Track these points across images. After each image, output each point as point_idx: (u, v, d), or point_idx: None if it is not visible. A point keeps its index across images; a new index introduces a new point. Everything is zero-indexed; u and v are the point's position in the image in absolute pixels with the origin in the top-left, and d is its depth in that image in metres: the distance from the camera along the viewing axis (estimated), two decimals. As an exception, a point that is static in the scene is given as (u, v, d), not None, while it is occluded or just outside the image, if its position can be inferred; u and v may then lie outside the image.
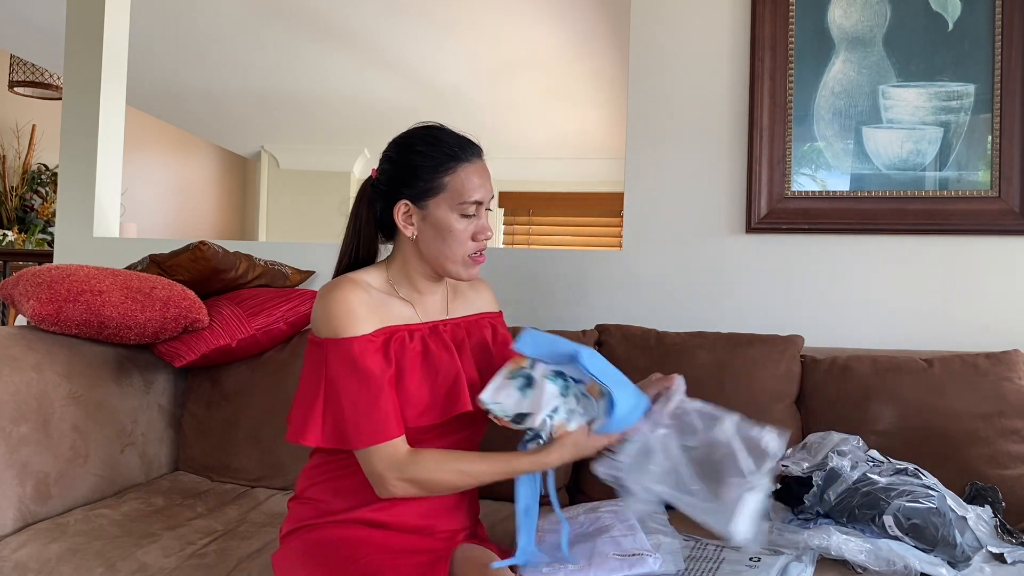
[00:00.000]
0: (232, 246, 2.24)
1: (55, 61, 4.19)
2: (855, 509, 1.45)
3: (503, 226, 6.26)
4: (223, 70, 4.39)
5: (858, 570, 1.37)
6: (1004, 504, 1.58)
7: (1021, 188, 2.02)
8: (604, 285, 2.27)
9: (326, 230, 5.83)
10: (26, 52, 4.25)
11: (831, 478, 1.50)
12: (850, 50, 2.13)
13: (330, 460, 1.33)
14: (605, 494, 1.57)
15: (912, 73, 2.10)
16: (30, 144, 5.14)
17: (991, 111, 2.05)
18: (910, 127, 2.09)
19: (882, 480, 1.46)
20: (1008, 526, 1.52)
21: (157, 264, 2.05)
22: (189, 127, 5.67)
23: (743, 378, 1.82)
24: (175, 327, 1.91)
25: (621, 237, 2.35)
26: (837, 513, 1.48)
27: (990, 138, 2.05)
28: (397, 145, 1.34)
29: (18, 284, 1.86)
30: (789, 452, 1.63)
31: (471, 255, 1.32)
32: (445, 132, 1.33)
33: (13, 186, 4.98)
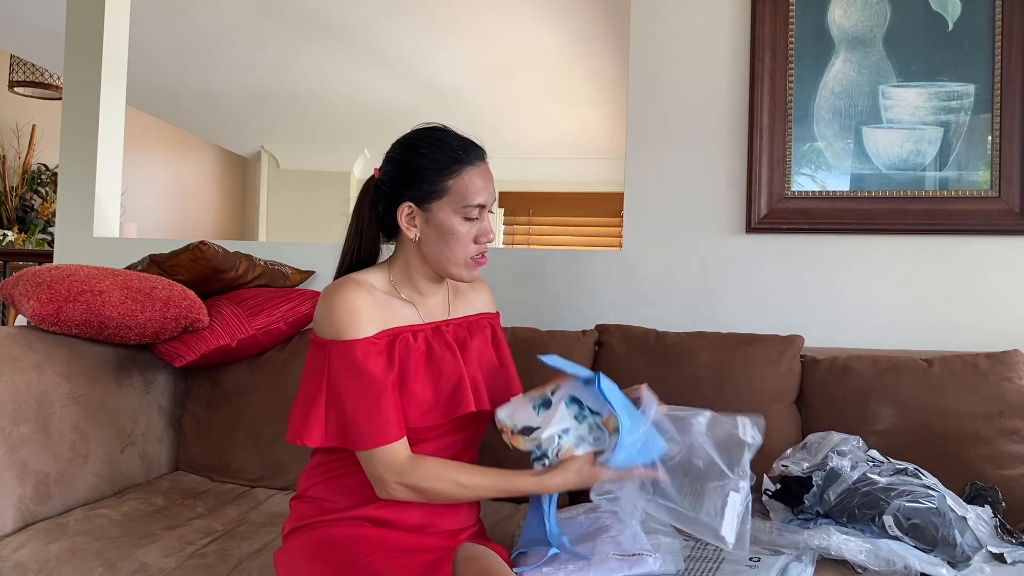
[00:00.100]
0: (232, 246, 2.24)
1: (55, 61, 4.19)
2: (855, 509, 1.45)
3: (503, 226, 6.26)
4: (223, 70, 4.39)
5: (858, 570, 1.37)
6: (1004, 504, 1.58)
7: (1021, 188, 2.02)
8: (604, 285, 2.27)
9: (326, 230, 5.84)
10: (26, 52, 4.25)
11: (831, 478, 1.50)
12: (850, 50, 2.13)
13: (332, 459, 1.33)
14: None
15: (912, 73, 2.09)
16: (30, 144, 5.14)
17: (991, 111, 2.05)
18: (910, 127, 2.09)
19: (882, 480, 1.47)
20: (1008, 526, 1.52)
21: (157, 264, 2.05)
22: (189, 127, 5.67)
23: (743, 378, 1.82)
24: (175, 327, 1.91)
25: (621, 237, 2.35)
26: (837, 513, 1.48)
27: (990, 138, 2.05)
28: (401, 146, 1.34)
29: (18, 284, 1.86)
30: (789, 452, 1.63)
31: (473, 257, 1.32)
32: (449, 134, 1.33)
33: (13, 186, 4.98)
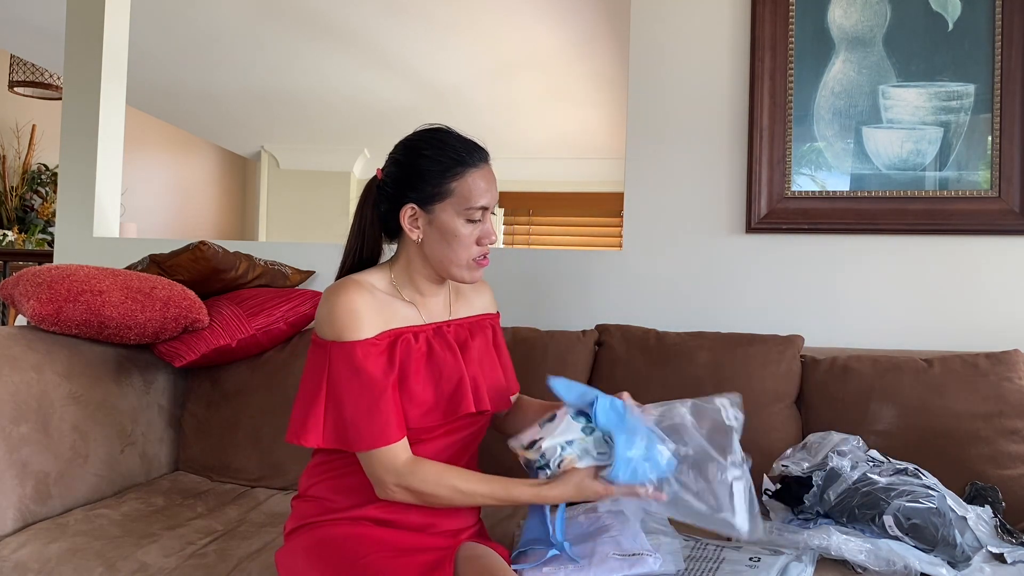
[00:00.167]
0: (232, 246, 2.24)
1: (55, 61, 4.19)
2: (855, 509, 1.45)
3: (503, 226, 6.26)
4: (223, 70, 4.39)
5: (858, 570, 1.37)
6: (1004, 504, 1.58)
7: (1021, 188, 2.02)
8: (604, 285, 2.27)
9: (326, 230, 5.84)
10: (26, 52, 4.25)
11: (831, 478, 1.50)
12: (850, 50, 2.13)
13: (334, 458, 1.33)
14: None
15: (912, 73, 2.09)
16: (30, 144, 5.14)
17: (991, 111, 2.05)
18: (910, 127, 2.09)
19: (882, 480, 1.47)
20: (1008, 526, 1.52)
21: (157, 264, 2.05)
22: (189, 127, 5.67)
23: (743, 378, 1.82)
24: (175, 327, 1.91)
25: (621, 237, 2.35)
26: (837, 513, 1.48)
27: (990, 138, 2.05)
28: (404, 148, 1.34)
29: (18, 284, 1.86)
30: (789, 452, 1.63)
31: (475, 259, 1.32)
32: (452, 136, 1.33)
33: (13, 186, 4.98)
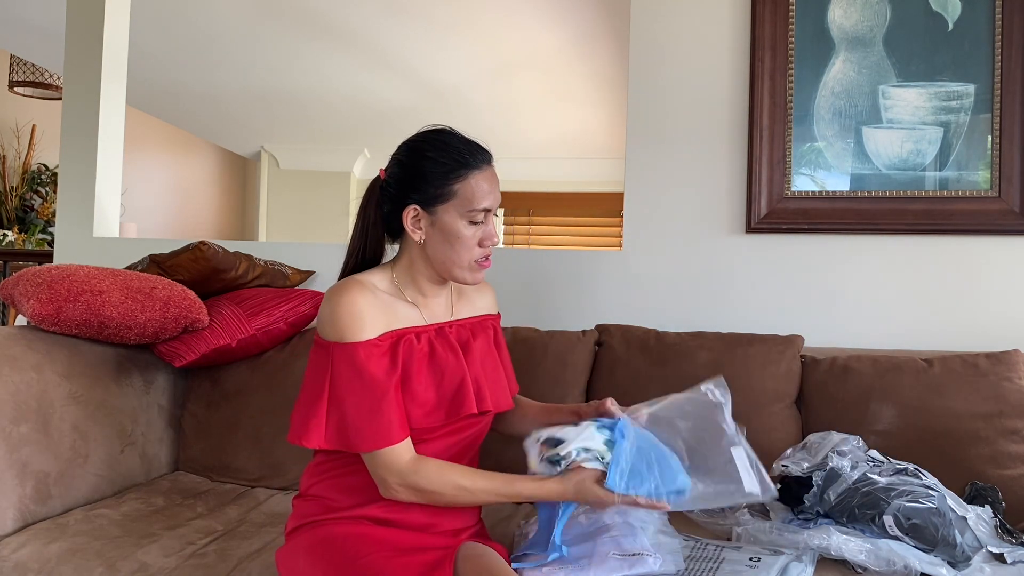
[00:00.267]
0: (232, 246, 2.24)
1: (55, 61, 4.19)
2: (855, 509, 1.45)
3: (503, 226, 6.26)
4: (223, 70, 4.39)
5: (858, 570, 1.37)
6: (1004, 504, 1.58)
7: (1021, 188, 2.02)
8: (604, 285, 2.27)
9: (326, 230, 5.83)
10: (26, 52, 4.25)
11: (831, 478, 1.50)
12: (850, 50, 2.13)
13: (335, 457, 1.33)
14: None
15: (912, 73, 2.09)
16: (30, 144, 5.14)
17: (991, 111, 2.05)
18: (910, 127, 2.09)
19: (882, 480, 1.47)
20: (1008, 526, 1.52)
21: (157, 264, 2.05)
22: (189, 127, 5.66)
23: (743, 378, 1.82)
24: (175, 327, 1.91)
25: (621, 237, 2.35)
26: (837, 513, 1.48)
27: (990, 138, 2.05)
28: (407, 149, 1.34)
29: (18, 284, 1.86)
30: (789, 452, 1.63)
31: (477, 260, 1.33)
32: (456, 137, 1.33)
33: (13, 186, 4.98)
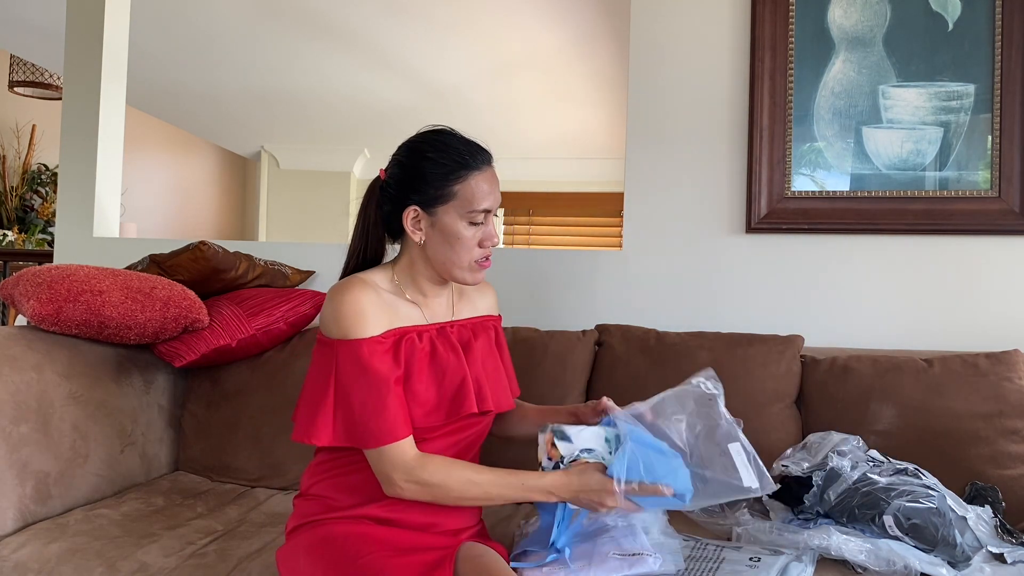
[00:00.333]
0: (232, 246, 2.24)
1: (55, 61, 4.19)
2: (855, 509, 1.45)
3: (503, 226, 6.26)
4: (223, 70, 4.39)
5: (858, 570, 1.37)
6: (1004, 504, 1.58)
7: (1021, 188, 2.02)
8: (604, 285, 2.27)
9: (326, 230, 5.83)
10: (26, 52, 4.25)
11: (831, 478, 1.50)
12: (850, 50, 2.13)
13: (336, 456, 1.34)
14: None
15: (912, 73, 2.09)
16: (30, 144, 5.14)
17: (991, 111, 2.05)
18: (910, 127, 2.09)
19: (882, 480, 1.47)
20: (1008, 526, 1.52)
21: (157, 264, 2.05)
22: (189, 127, 5.66)
23: (743, 378, 1.82)
24: (175, 327, 1.91)
25: (621, 237, 2.35)
26: (837, 513, 1.48)
27: (990, 138, 2.05)
28: (407, 149, 1.34)
29: (18, 284, 1.86)
30: (789, 452, 1.64)
31: (477, 261, 1.33)
32: (456, 138, 1.33)
33: (13, 186, 4.98)
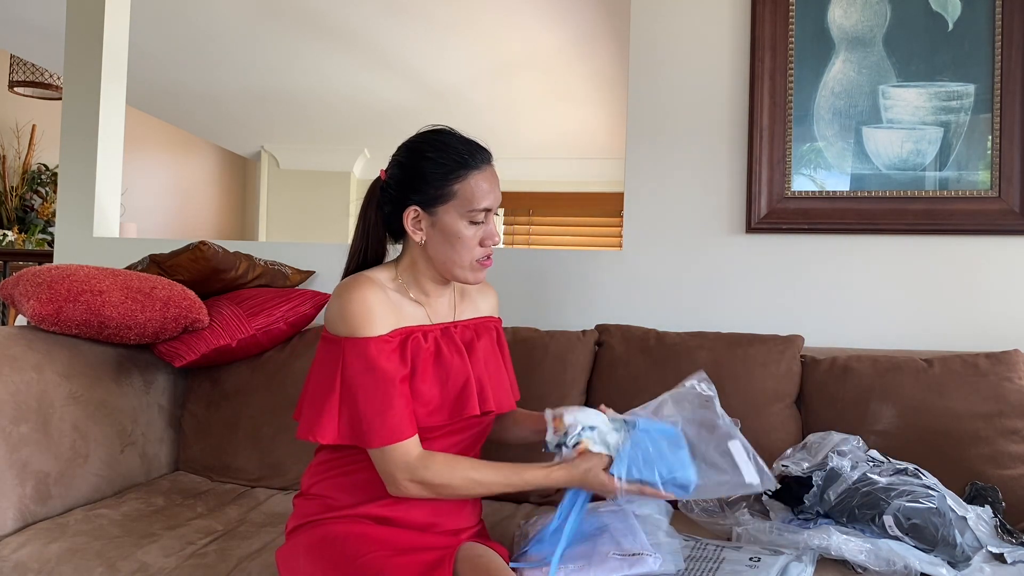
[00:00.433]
0: (232, 246, 2.24)
1: (55, 61, 4.19)
2: (855, 509, 1.45)
3: (503, 226, 6.26)
4: (222, 70, 4.39)
5: (858, 570, 1.37)
6: (1004, 504, 1.58)
7: (1021, 188, 2.02)
8: (604, 285, 2.27)
9: (326, 230, 5.83)
10: (26, 52, 4.25)
11: (831, 478, 1.50)
12: (850, 50, 2.13)
13: (336, 456, 1.34)
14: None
15: (912, 73, 2.09)
16: (30, 144, 5.14)
17: (991, 111, 2.05)
18: (910, 127, 2.09)
19: (882, 480, 1.47)
20: (1008, 526, 1.52)
21: (157, 264, 2.05)
22: (189, 127, 5.66)
23: (743, 378, 1.82)
24: (175, 327, 1.91)
25: (621, 237, 2.35)
26: (837, 513, 1.48)
27: (990, 138, 2.05)
28: (407, 150, 1.34)
29: (18, 284, 1.86)
30: (789, 452, 1.63)
31: (479, 260, 1.33)
32: (455, 137, 1.33)
33: (13, 186, 4.98)
